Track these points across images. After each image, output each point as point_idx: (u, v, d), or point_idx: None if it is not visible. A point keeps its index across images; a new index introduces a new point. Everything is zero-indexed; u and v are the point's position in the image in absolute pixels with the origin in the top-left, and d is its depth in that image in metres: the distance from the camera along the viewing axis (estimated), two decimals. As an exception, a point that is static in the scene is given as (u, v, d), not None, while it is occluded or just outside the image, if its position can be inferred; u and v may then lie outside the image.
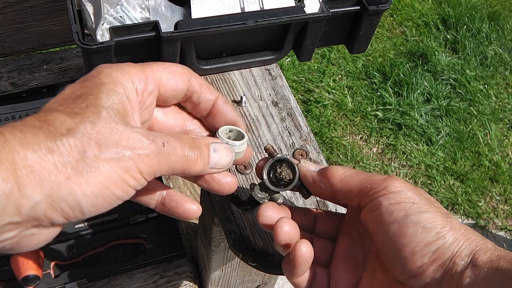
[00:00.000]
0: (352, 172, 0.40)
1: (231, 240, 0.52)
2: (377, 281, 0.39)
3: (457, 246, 0.35)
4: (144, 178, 0.33)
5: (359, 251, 0.42)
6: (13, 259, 0.80)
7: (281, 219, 0.40)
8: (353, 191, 0.39)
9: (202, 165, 0.37)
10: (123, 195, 0.32)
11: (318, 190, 0.42)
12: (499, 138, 1.91)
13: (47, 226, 0.31)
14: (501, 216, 1.74)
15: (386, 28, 2.20)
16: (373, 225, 0.38)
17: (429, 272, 0.35)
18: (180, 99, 0.41)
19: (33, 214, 0.29)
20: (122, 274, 0.90)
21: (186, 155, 0.35)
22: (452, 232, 0.35)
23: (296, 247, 0.38)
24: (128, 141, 0.32)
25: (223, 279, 0.83)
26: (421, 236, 0.35)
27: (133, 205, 0.94)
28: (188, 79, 0.39)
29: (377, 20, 0.61)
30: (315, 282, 0.42)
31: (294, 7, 0.58)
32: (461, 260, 0.34)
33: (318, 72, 2.00)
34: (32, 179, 0.28)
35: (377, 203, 0.37)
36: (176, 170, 0.35)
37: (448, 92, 2.01)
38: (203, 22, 0.54)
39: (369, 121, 1.89)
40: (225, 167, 0.39)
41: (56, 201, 0.29)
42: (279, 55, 0.64)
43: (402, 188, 0.37)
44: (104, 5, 0.55)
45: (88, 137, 0.31)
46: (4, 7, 0.82)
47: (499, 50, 2.17)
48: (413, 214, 0.36)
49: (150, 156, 0.33)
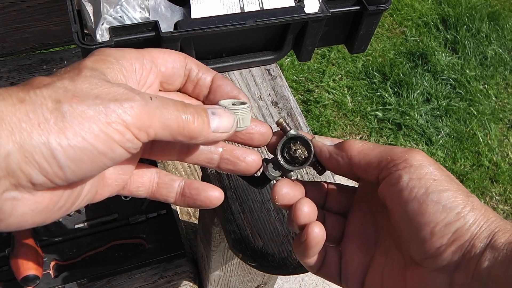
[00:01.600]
0: (370, 145, 0.39)
1: (231, 240, 0.52)
2: (391, 261, 0.38)
3: (477, 228, 0.33)
4: (132, 132, 0.30)
5: (371, 229, 0.41)
6: (13, 259, 0.80)
7: (301, 200, 0.39)
8: (372, 163, 0.38)
9: (201, 124, 0.34)
10: (107, 151, 0.30)
11: (334, 165, 0.40)
12: (499, 138, 1.91)
13: (29, 189, 0.29)
14: (501, 216, 1.74)
15: (386, 28, 2.20)
16: (391, 200, 0.36)
17: (447, 254, 0.34)
18: (181, 79, 0.40)
19: (8, 167, 0.27)
20: (122, 274, 0.90)
21: (179, 113, 0.33)
22: (472, 212, 0.34)
23: (309, 229, 0.37)
24: (110, 94, 0.30)
25: (223, 279, 0.83)
26: (442, 216, 0.34)
27: (133, 205, 0.94)
28: (183, 58, 0.39)
29: (377, 20, 0.61)
30: (326, 262, 0.41)
31: (293, 7, 0.58)
32: (480, 242, 0.33)
33: (318, 72, 2.00)
34: (2, 128, 0.27)
35: (396, 176, 0.36)
36: (172, 127, 0.33)
37: (448, 92, 2.00)
38: (203, 22, 0.54)
39: (369, 121, 1.89)
40: (229, 130, 0.37)
41: (29, 152, 0.27)
42: (279, 55, 0.64)
43: (423, 162, 0.36)
44: (103, 5, 0.55)
45: (64, 90, 0.29)
46: (3, 7, 0.82)
47: (499, 50, 2.17)
48: (434, 192, 0.34)
49: (136, 108, 0.30)
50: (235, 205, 0.53)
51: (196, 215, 1.05)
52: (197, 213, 1.04)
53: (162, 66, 0.38)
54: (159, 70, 0.37)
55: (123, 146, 0.30)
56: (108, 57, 0.34)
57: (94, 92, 0.30)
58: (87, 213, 0.93)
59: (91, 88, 0.30)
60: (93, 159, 0.29)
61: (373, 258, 0.40)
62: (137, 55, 0.36)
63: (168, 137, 0.33)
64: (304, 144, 0.42)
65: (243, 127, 0.39)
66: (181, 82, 0.40)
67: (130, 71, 0.34)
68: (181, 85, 0.40)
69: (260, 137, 0.41)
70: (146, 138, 0.32)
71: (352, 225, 0.41)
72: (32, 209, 0.30)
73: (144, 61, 0.36)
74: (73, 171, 0.29)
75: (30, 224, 0.31)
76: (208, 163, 0.40)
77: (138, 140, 0.31)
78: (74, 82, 0.30)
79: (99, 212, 0.93)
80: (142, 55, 0.36)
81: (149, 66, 0.36)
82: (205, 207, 0.40)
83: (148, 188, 0.39)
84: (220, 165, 0.40)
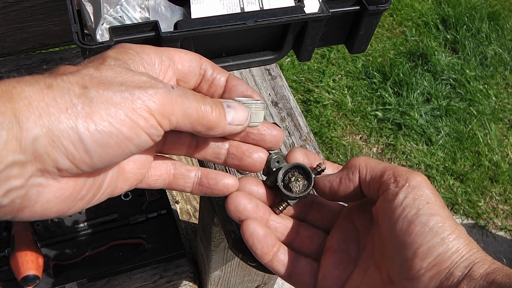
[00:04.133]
0: (375, 160, 0.40)
1: (231, 240, 0.52)
2: (369, 279, 0.38)
3: (458, 257, 0.34)
4: (156, 119, 0.31)
5: (353, 247, 0.41)
6: (13, 259, 0.80)
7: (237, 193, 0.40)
8: (376, 176, 0.38)
9: (218, 115, 0.35)
10: (132, 136, 0.30)
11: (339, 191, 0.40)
12: (499, 138, 1.91)
13: (54, 175, 0.29)
14: (501, 216, 1.74)
15: (386, 28, 2.20)
16: (383, 216, 0.37)
17: (425, 278, 0.34)
18: (197, 78, 0.40)
19: (35, 151, 0.27)
20: (122, 274, 0.90)
21: (199, 103, 0.34)
22: (457, 240, 0.34)
23: (243, 226, 0.39)
24: (134, 81, 0.31)
25: (223, 279, 0.83)
26: (426, 238, 0.34)
27: (133, 205, 0.94)
28: (199, 58, 0.40)
29: (377, 20, 0.61)
30: (297, 272, 0.41)
31: (293, 7, 0.58)
32: (459, 272, 0.33)
33: (317, 72, 2.00)
34: (30, 112, 0.27)
35: (394, 193, 0.36)
36: (192, 116, 0.34)
37: (448, 92, 2.01)
38: (203, 22, 0.54)
39: (369, 121, 1.89)
40: (244, 123, 0.38)
41: (56, 136, 0.27)
42: (279, 55, 0.64)
43: (421, 184, 0.36)
44: (103, 5, 0.55)
45: (90, 77, 0.30)
46: (3, 7, 0.81)
47: (499, 50, 2.17)
48: (424, 214, 0.35)
49: (159, 95, 0.31)
50: (235, 205, 0.53)
51: (196, 215, 1.05)
52: (197, 213, 1.04)
53: (179, 63, 0.38)
54: (176, 67, 0.38)
55: (147, 132, 0.31)
56: (130, 50, 0.34)
57: (119, 79, 0.31)
58: (87, 213, 0.93)
59: (116, 76, 0.31)
60: (119, 144, 0.30)
61: (350, 275, 0.40)
62: (156, 51, 0.36)
63: (188, 126, 0.34)
64: (306, 178, 0.42)
65: (257, 122, 0.40)
66: (196, 81, 0.40)
67: (150, 65, 0.35)
68: (196, 84, 0.41)
69: (272, 139, 0.41)
70: (168, 126, 0.32)
71: (334, 240, 0.42)
72: (57, 196, 0.30)
73: (163, 57, 0.37)
74: (99, 156, 0.29)
75: (54, 212, 0.31)
76: (215, 158, 0.41)
77: (161, 127, 0.32)
78: (99, 70, 0.31)
79: (99, 212, 0.93)
80: (160, 52, 0.37)
81: (167, 63, 0.37)
82: (221, 195, 0.41)
83: (165, 179, 0.40)
84: (227, 160, 0.41)
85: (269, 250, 0.40)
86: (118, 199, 0.95)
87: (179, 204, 1.06)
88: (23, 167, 0.27)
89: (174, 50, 0.38)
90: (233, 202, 0.40)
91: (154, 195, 0.96)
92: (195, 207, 1.07)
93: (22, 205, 0.29)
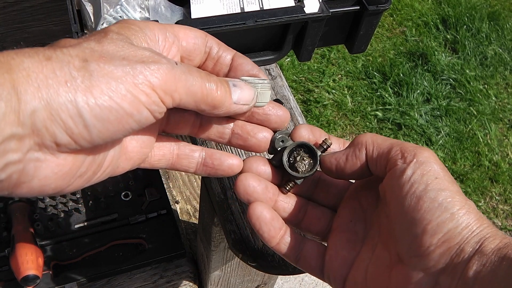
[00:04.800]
0: (381, 136, 0.39)
1: (231, 240, 0.52)
2: (376, 259, 0.38)
3: (468, 232, 0.33)
4: (159, 95, 0.30)
5: (361, 226, 0.40)
6: (13, 259, 0.80)
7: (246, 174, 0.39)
8: (384, 153, 0.37)
9: (224, 93, 0.35)
10: (133, 112, 0.29)
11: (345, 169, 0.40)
12: (499, 138, 1.91)
13: (52, 150, 0.28)
14: (501, 216, 1.74)
15: (386, 28, 2.20)
16: (391, 193, 0.36)
17: (435, 255, 0.33)
18: (202, 56, 0.39)
19: (33, 125, 0.27)
20: (122, 274, 0.90)
21: (203, 81, 0.33)
22: (467, 215, 0.33)
23: (250, 209, 0.38)
24: (136, 56, 0.30)
25: (222, 279, 0.83)
26: (436, 213, 0.33)
27: (133, 205, 0.94)
28: (204, 35, 0.39)
29: (377, 20, 0.61)
30: (304, 254, 0.40)
31: (293, 7, 0.58)
32: (470, 247, 0.32)
33: (317, 72, 2.00)
34: (29, 84, 0.26)
35: (401, 169, 0.35)
36: (197, 94, 0.33)
37: (448, 92, 2.01)
38: (203, 22, 0.54)
39: (369, 121, 1.89)
40: (249, 103, 0.37)
41: (55, 109, 0.27)
42: (279, 55, 0.64)
43: (429, 160, 0.35)
44: (103, 5, 0.55)
45: (91, 50, 0.29)
46: (3, 7, 0.82)
47: (499, 50, 2.17)
48: (433, 189, 0.34)
49: (162, 71, 0.30)
50: (235, 205, 0.53)
51: (196, 215, 1.05)
52: (197, 213, 1.04)
53: (183, 40, 0.37)
54: (180, 44, 0.37)
55: (149, 108, 0.30)
56: (132, 25, 0.34)
57: (121, 53, 0.30)
58: (87, 213, 0.93)
59: (118, 50, 0.30)
60: (119, 120, 0.29)
61: (358, 255, 0.39)
62: (160, 26, 0.36)
63: (191, 104, 0.33)
64: (311, 156, 0.41)
65: (263, 102, 0.39)
66: (201, 58, 0.39)
67: (154, 41, 0.35)
68: (201, 62, 0.40)
69: (277, 119, 0.40)
70: (171, 103, 0.32)
71: (341, 220, 0.41)
72: (55, 172, 0.29)
73: (167, 34, 0.36)
74: (98, 131, 0.29)
75: (52, 188, 0.30)
76: (220, 138, 0.40)
77: (163, 104, 0.31)
78: (101, 44, 0.30)
79: (99, 212, 0.93)
80: (165, 28, 0.36)
81: (171, 39, 0.36)
82: (225, 175, 0.40)
83: (169, 160, 0.39)
84: (231, 140, 0.40)
85: (276, 233, 0.39)
86: (118, 199, 0.95)
87: (179, 204, 1.06)
88: (21, 140, 0.27)
89: (179, 27, 0.38)
90: (242, 184, 0.39)
91: (154, 195, 0.96)
92: (195, 207, 1.07)
93: (20, 181, 0.28)
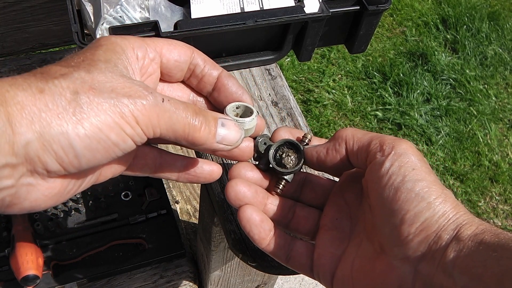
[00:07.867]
0: (361, 131, 0.40)
1: (231, 240, 0.52)
2: (362, 252, 0.39)
3: (445, 220, 0.34)
4: (141, 129, 0.32)
5: (346, 223, 0.41)
6: (13, 259, 0.80)
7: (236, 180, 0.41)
8: (364, 146, 0.39)
9: (207, 134, 0.36)
10: (119, 142, 0.31)
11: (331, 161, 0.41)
12: (499, 138, 1.91)
13: (43, 176, 0.30)
14: (501, 216, 1.74)
15: (386, 28, 2.20)
16: (371, 185, 0.37)
17: (414, 244, 0.34)
18: (185, 73, 0.40)
19: (26, 155, 0.29)
20: (122, 274, 0.90)
21: (188, 119, 0.34)
22: (443, 204, 0.34)
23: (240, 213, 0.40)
24: (124, 89, 0.32)
25: (222, 279, 0.83)
26: (413, 203, 0.34)
27: (133, 205, 0.94)
28: (190, 52, 0.40)
29: (377, 20, 0.61)
30: (294, 254, 0.41)
31: (293, 7, 0.58)
32: (447, 234, 0.33)
33: (317, 72, 2.00)
34: (23, 117, 0.28)
35: (380, 162, 0.36)
36: (178, 131, 0.34)
37: (448, 92, 2.01)
38: (203, 22, 0.54)
39: (369, 121, 1.89)
40: (233, 144, 0.38)
41: (47, 141, 0.29)
42: (279, 55, 0.64)
43: (407, 151, 0.36)
44: (103, 5, 0.55)
45: (81, 81, 0.31)
46: (3, 7, 0.82)
47: (499, 50, 2.17)
48: (410, 180, 0.35)
49: (147, 107, 0.32)
50: (235, 205, 0.53)
51: (196, 215, 1.05)
52: (197, 213, 1.04)
53: (165, 57, 0.38)
54: (161, 61, 0.38)
55: (133, 139, 0.32)
56: (117, 47, 0.35)
57: (109, 85, 0.31)
58: (87, 213, 0.93)
59: (107, 81, 0.32)
60: (106, 149, 0.31)
61: (345, 250, 0.40)
62: (141, 44, 0.37)
63: (172, 138, 0.35)
64: (296, 151, 0.43)
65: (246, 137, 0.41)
66: (182, 75, 0.41)
67: (134, 62, 0.36)
68: (184, 78, 0.41)
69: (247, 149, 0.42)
70: (152, 135, 0.33)
71: (327, 218, 0.42)
72: (45, 194, 0.32)
73: (148, 50, 0.37)
74: (87, 159, 0.31)
75: (42, 207, 0.32)
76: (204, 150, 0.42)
77: (145, 136, 0.33)
78: (91, 74, 0.32)
79: (99, 212, 0.93)
80: (146, 44, 0.37)
81: (152, 55, 0.37)
82: (206, 182, 0.42)
83: (151, 168, 0.40)
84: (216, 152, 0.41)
85: (266, 235, 0.41)
86: (118, 199, 0.95)
87: (179, 204, 1.06)
88: (15, 168, 0.29)
89: (163, 42, 0.38)
90: (233, 190, 0.40)
91: (154, 195, 0.96)
92: (195, 207, 1.07)
93: (12, 202, 0.30)
